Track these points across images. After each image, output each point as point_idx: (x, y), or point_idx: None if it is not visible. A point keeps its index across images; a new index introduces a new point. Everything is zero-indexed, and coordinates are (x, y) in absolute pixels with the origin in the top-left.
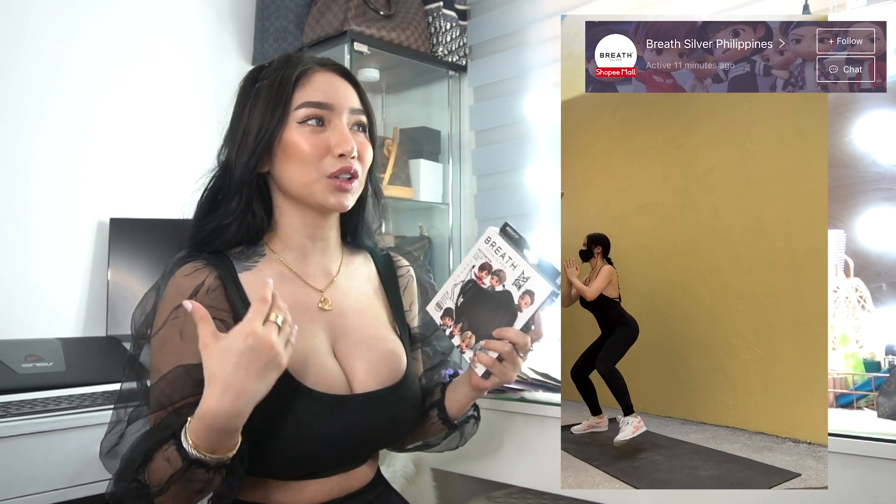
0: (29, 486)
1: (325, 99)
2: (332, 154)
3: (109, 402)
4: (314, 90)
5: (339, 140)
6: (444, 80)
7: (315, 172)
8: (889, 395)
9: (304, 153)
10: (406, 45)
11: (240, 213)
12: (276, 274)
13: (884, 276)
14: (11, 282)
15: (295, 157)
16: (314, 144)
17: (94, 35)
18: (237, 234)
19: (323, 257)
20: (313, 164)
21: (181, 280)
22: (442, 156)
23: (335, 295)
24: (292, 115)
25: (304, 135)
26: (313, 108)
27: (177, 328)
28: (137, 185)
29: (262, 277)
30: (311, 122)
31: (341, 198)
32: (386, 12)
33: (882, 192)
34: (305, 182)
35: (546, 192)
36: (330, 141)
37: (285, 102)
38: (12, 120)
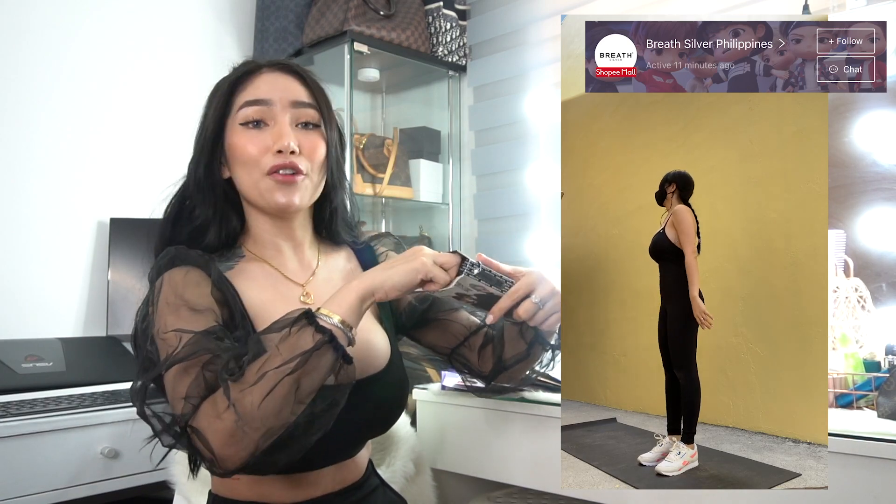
0: (29, 486)
1: (265, 95)
2: (270, 151)
3: (109, 401)
4: (255, 89)
5: (276, 136)
6: (443, 80)
7: (258, 172)
8: (889, 395)
9: (247, 153)
10: (406, 45)
11: (215, 218)
12: (259, 270)
13: (884, 276)
14: (11, 282)
15: (240, 158)
16: (255, 144)
17: (95, 35)
18: (217, 235)
19: (299, 254)
20: (255, 164)
21: (184, 272)
22: (442, 156)
23: (316, 288)
24: (234, 117)
25: (246, 136)
26: (252, 105)
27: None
28: (137, 185)
29: (246, 274)
30: (251, 123)
31: (288, 193)
32: (386, 12)
33: (882, 192)
34: (252, 183)
35: (546, 192)
36: (269, 139)
37: (227, 102)
38: (12, 120)
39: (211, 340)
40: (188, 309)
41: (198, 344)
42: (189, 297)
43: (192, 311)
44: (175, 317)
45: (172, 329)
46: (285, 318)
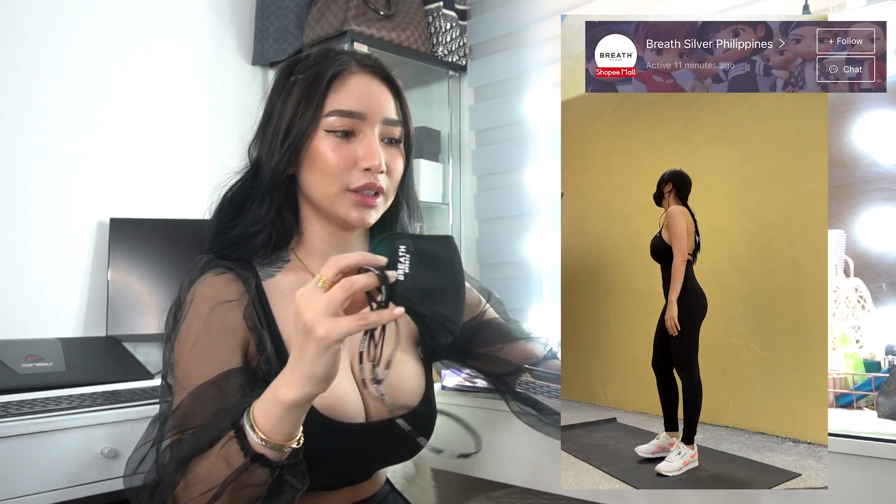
0: (29, 486)
1: (358, 108)
2: (358, 167)
3: (109, 401)
4: (347, 96)
5: (366, 153)
6: (444, 80)
7: (338, 185)
8: (889, 395)
9: (330, 164)
10: (406, 45)
11: (269, 221)
12: (300, 281)
13: (884, 276)
14: (11, 282)
15: (320, 166)
16: (340, 156)
17: (94, 35)
18: (265, 243)
19: None
20: (337, 176)
21: (216, 282)
22: (442, 156)
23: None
24: (322, 121)
25: (331, 144)
26: (343, 116)
27: (224, 332)
28: (137, 185)
29: (284, 285)
30: (340, 133)
31: (364, 214)
32: (386, 12)
33: (882, 192)
34: (328, 194)
35: (546, 192)
36: (357, 153)
37: (317, 105)
38: (12, 120)
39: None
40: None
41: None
42: (213, 322)
43: (212, 345)
44: (192, 355)
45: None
46: (220, 423)
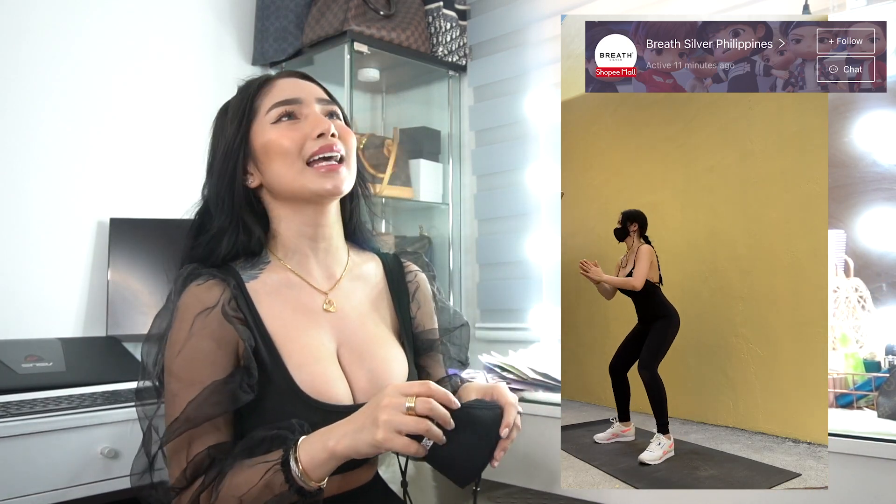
0: (29, 486)
1: (292, 95)
2: (310, 139)
3: (109, 401)
4: (279, 91)
5: (313, 123)
6: (444, 80)
7: (300, 162)
8: (889, 395)
9: (285, 147)
10: (406, 45)
11: (230, 228)
12: (282, 279)
13: (884, 276)
14: (11, 282)
15: (277, 152)
16: (291, 136)
17: (94, 35)
18: (230, 247)
19: (326, 258)
20: (296, 154)
21: (198, 291)
22: (442, 156)
23: (339, 297)
24: (263, 119)
25: (279, 130)
26: (282, 105)
27: (208, 336)
28: (137, 185)
29: (268, 284)
30: (284, 118)
31: (335, 180)
32: (386, 12)
33: (882, 192)
34: (293, 175)
35: (546, 192)
36: (305, 129)
37: (250, 111)
38: (12, 120)
39: (212, 405)
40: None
41: (198, 410)
42: (197, 328)
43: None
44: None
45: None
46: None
